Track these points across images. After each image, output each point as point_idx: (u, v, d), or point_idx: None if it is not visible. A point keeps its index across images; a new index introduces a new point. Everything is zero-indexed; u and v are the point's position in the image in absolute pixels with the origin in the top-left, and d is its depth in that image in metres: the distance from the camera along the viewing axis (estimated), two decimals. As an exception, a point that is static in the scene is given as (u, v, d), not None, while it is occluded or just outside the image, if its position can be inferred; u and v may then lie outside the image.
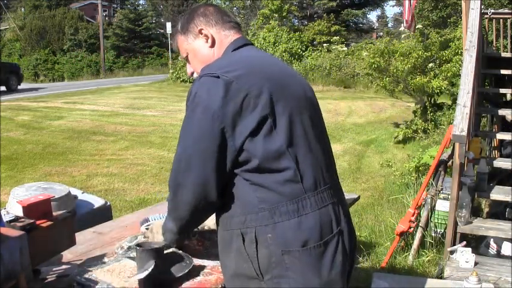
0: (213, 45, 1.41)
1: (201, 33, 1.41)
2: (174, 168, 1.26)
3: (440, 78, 7.57)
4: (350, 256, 1.35)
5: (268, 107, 1.20)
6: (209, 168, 1.20)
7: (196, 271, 1.54)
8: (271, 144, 1.20)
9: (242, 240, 1.24)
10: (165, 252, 1.49)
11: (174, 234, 1.40)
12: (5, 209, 2.17)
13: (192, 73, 1.49)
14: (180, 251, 1.57)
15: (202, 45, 1.42)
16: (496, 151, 5.11)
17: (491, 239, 3.34)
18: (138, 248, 1.43)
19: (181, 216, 1.32)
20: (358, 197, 2.67)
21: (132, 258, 1.55)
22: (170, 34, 25.52)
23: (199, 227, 1.66)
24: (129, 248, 1.64)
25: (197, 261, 1.60)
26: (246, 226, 1.24)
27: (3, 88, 16.05)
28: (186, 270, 1.46)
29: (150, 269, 1.37)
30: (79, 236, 1.78)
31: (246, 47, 1.41)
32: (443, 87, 7.58)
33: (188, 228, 1.42)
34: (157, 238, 1.53)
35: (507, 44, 5.31)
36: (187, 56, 1.47)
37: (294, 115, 1.26)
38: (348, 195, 2.59)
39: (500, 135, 4.37)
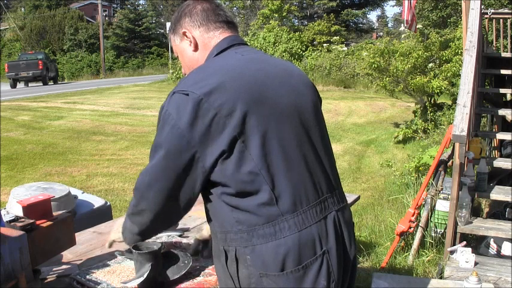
0: (196, 49, 1.35)
1: (186, 36, 1.34)
2: (140, 180, 1.23)
3: (440, 78, 7.57)
4: (350, 268, 1.30)
5: (239, 126, 1.13)
6: (173, 187, 1.18)
7: (197, 271, 1.54)
8: (243, 167, 1.14)
9: (225, 257, 1.23)
10: (163, 251, 1.50)
11: (134, 235, 1.35)
12: (5, 209, 2.17)
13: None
14: (178, 250, 1.57)
15: (187, 47, 1.36)
16: (496, 151, 5.11)
17: (491, 239, 3.34)
18: (135, 250, 1.43)
19: (142, 222, 1.29)
20: (358, 197, 2.67)
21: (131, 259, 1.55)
22: (170, 34, 25.56)
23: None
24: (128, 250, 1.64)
25: (198, 262, 1.60)
26: (227, 244, 1.21)
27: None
28: (184, 271, 1.46)
29: (145, 275, 1.38)
30: (79, 236, 1.78)
31: (231, 49, 1.31)
32: (443, 87, 7.58)
33: (149, 233, 1.36)
34: (114, 236, 1.52)
35: (507, 44, 5.31)
36: (178, 56, 1.42)
37: (271, 131, 1.18)
38: (348, 195, 2.59)
39: (500, 135, 4.37)
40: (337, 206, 1.29)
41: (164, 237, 1.84)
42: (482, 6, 4.73)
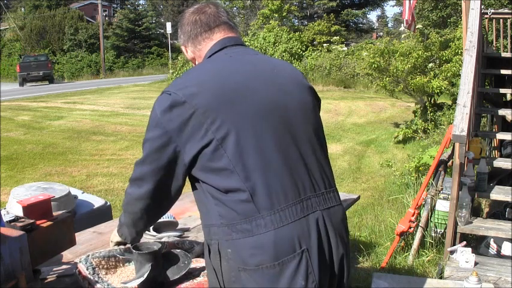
0: (193, 60, 1.47)
1: (186, 47, 1.46)
2: (134, 170, 1.33)
3: (440, 78, 7.57)
4: (338, 270, 1.29)
5: (214, 125, 1.20)
6: (160, 178, 1.27)
7: (197, 271, 1.54)
8: (219, 165, 1.20)
9: (208, 251, 1.28)
10: (163, 252, 1.50)
11: (128, 227, 1.44)
12: (5, 209, 2.17)
13: None
14: (178, 251, 1.57)
15: (189, 56, 1.47)
16: (496, 151, 5.11)
17: (491, 239, 3.34)
18: (135, 251, 1.43)
19: (134, 211, 1.37)
20: (358, 197, 2.67)
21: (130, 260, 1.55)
22: (170, 34, 25.57)
23: None
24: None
25: (198, 262, 1.60)
26: (210, 238, 1.26)
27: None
28: (184, 271, 1.46)
29: (145, 275, 1.38)
30: (79, 236, 1.78)
31: (223, 51, 1.37)
32: (443, 87, 7.58)
33: (143, 224, 1.43)
34: (115, 238, 1.56)
35: (507, 44, 5.31)
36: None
37: (246, 129, 1.21)
38: (348, 195, 2.60)
39: (500, 135, 4.37)
40: (324, 206, 1.28)
41: (165, 237, 1.84)
42: (482, 6, 4.73)
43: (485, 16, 4.96)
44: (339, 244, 1.28)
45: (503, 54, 4.82)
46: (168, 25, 25.07)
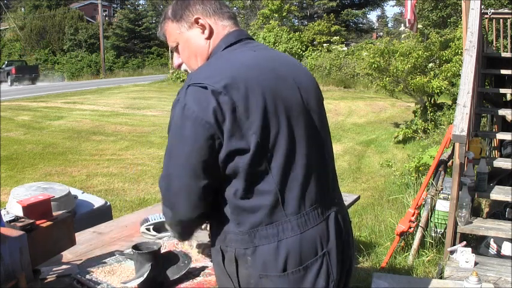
0: (209, 36, 1.28)
1: (197, 23, 1.27)
2: (165, 186, 1.20)
3: (440, 78, 7.57)
4: (347, 268, 1.30)
5: (255, 124, 1.11)
6: (201, 185, 1.15)
7: (197, 271, 1.54)
8: (255, 165, 1.12)
9: (222, 257, 1.22)
10: (163, 252, 1.50)
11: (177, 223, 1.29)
12: (5, 209, 2.17)
13: (180, 65, 1.37)
14: (178, 250, 1.57)
15: (197, 35, 1.29)
16: (496, 151, 5.11)
17: (491, 239, 3.34)
18: (134, 250, 1.43)
19: (184, 231, 1.30)
20: (358, 197, 2.67)
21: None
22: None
23: None
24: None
25: (198, 262, 1.60)
26: (225, 245, 1.20)
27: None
28: (184, 271, 1.46)
29: (145, 275, 1.38)
30: (79, 236, 1.78)
31: (239, 44, 1.27)
32: (443, 87, 7.58)
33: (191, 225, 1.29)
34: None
35: (507, 44, 5.31)
36: (177, 46, 1.33)
37: (283, 131, 1.16)
38: (348, 195, 2.60)
39: (500, 135, 4.36)
40: (337, 206, 1.29)
41: (165, 237, 1.84)
42: (482, 6, 4.73)
43: (485, 16, 4.96)
44: (350, 242, 1.31)
45: (503, 54, 4.82)
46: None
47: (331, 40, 18.25)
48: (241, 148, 1.11)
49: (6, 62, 24.86)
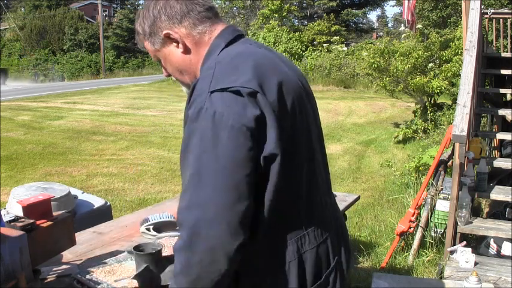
0: (186, 51, 1.13)
1: (169, 38, 1.13)
2: (194, 221, 0.95)
3: (440, 78, 7.57)
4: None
5: (286, 128, 1.00)
6: (244, 207, 0.96)
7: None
8: (288, 167, 1.01)
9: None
10: (168, 255, 1.49)
11: None
12: (5, 209, 2.17)
13: (170, 75, 1.24)
14: None
15: (174, 51, 1.15)
16: (496, 151, 5.11)
17: (491, 239, 3.34)
18: (134, 251, 1.43)
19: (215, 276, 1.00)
20: (358, 197, 2.67)
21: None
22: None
23: None
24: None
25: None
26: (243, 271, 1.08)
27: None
28: None
29: (134, 274, 1.37)
30: (79, 236, 1.78)
31: (240, 41, 1.14)
32: (443, 87, 7.58)
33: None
34: None
35: (507, 44, 5.31)
36: (160, 61, 1.21)
37: (305, 132, 1.08)
38: (347, 195, 2.60)
39: (500, 135, 4.37)
40: (336, 210, 1.26)
41: (165, 237, 1.84)
42: (482, 6, 4.73)
43: (485, 16, 4.96)
44: (349, 244, 1.28)
45: (503, 54, 4.82)
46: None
47: (331, 40, 18.25)
48: (274, 153, 0.98)
49: None
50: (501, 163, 3.66)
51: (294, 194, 1.05)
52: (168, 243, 1.72)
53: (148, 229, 1.88)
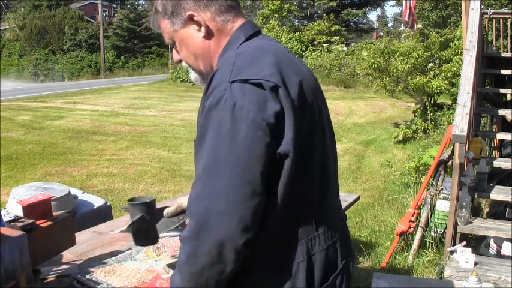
0: (208, 36, 1.11)
1: (192, 20, 1.10)
2: (204, 210, 0.94)
3: (440, 78, 7.58)
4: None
5: (305, 125, 1.00)
6: (256, 203, 0.94)
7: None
8: (302, 166, 1.00)
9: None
10: (161, 207, 1.47)
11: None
12: (5, 209, 2.17)
13: (180, 61, 1.19)
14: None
15: (194, 34, 1.11)
16: (496, 151, 5.11)
17: (491, 239, 3.34)
18: (129, 201, 1.43)
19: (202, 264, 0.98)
20: (358, 197, 2.67)
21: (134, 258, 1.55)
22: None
23: None
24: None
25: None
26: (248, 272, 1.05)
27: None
28: (174, 226, 1.40)
29: (130, 221, 1.36)
30: (79, 236, 1.78)
31: (259, 37, 1.13)
32: (443, 87, 7.58)
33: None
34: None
35: (507, 44, 5.31)
36: (174, 43, 1.17)
37: (319, 131, 1.07)
38: (347, 195, 2.60)
39: (500, 135, 4.37)
40: (342, 212, 1.25)
41: (165, 237, 1.84)
42: (482, 6, 4.73)
43: (485, 16, 4.96)
44: (352, 246, 1.27)
45: (503, 54, 4.82)
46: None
47: (331, 40, 18.26)
48: (290, 151, 0.97)
49: None
50: (501, 163, 3.66)
51: (306, 192, 1.04)
52: (167, 243, 1.72)
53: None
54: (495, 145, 5.16)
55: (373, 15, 67.85)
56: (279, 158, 0.97)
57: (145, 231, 1.39)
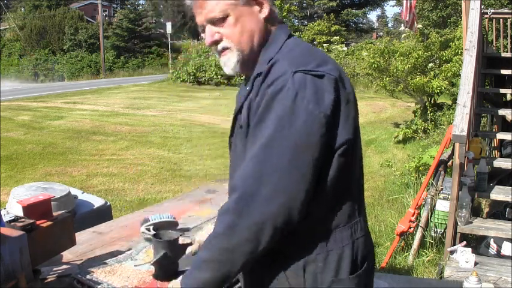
0: (268, 18, 1.13)
1: (256, 0, 1.12)
2: (253, 189, 0.98)
3: (440, 78, 7.57)
4: None
5: (354, 117, 1.08)
6: (305, 191, 0.99)
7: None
8: (350, 156, 1.07)
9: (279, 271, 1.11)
10: (186, 242, 1.52)
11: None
12: (5, 209, 2.17)
13: (216, 42, 1.13)
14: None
15: (256, 13, 1.12)
16: (496, 151, 5.11)
17: (491, 239, 3.34)
18: (153, 238, 1.48)
19: (255, 246, 1.00)
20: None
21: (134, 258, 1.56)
22: (170, 34, 25.57)
23: None
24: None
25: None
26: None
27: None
28: None
29: (153, 261, 1.42)
30: (79, 236, 1.78)
31: (293, 37, 1.18)
32: (443, 87, 7.58)
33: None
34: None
35: (507, 44, 5.30)
36: (223, 18, 1.11)
37: (358, 122, 1.15)
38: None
39: (500, 135, 4.37)
40: None
41: (165, 237, 1.84)
42: (482, 6, 4.73)
43: (485, 16, 4.96)
44: None
45: (503, 54, 4.82)
46: (168, 25, 25.04)
47: (331, 40, 18.25)
48: (342, 142, 1.04)
49: None
50: (501, 163, 3.66)
51: (351, 181, 1.11)
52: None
53: (148, 229, 1.88)
54: (495, 145, 5.16)
55: (373, 15, 67.88)
56: (332, 148, 1.02)
57: (166, 266, 1.44)
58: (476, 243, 3.55)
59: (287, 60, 1.04)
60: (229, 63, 1.15)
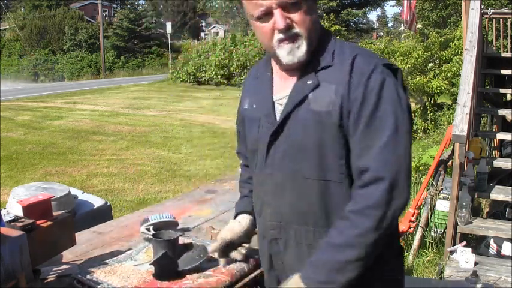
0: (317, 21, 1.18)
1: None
2: (397, 169, 1.04)
3: (440, 78, 7.57)
4: None
5: None
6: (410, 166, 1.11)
7: (209, 265, 1.54)
8: None
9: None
10: (186, 243, 1.53)
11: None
12: (5, 209, 2.17)
13: (289, 27, 1.09)
14: (200, 243, 1.58)
15: (314, 12, 1.13)
16: (496, 151, 5.11)
17: (491, 239, 3.34)
18: (153, 237, 1.49)
19: (393, 216, 1.06)
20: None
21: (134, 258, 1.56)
22: (170, 34, 25.58)
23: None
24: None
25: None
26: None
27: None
28: (195, 264, 1.46)
29: (152, 260, 1.42)
30: (79, 236, 1.77)
31: None
32: (443, 87, 7.58)
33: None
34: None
35: (507, 44, 5.30)
36: (296, 4, 1.07)
37: None
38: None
39: (500, 135, 4.37)
40: None
41: (166, 237, 1.84)
42: (482, 6, 4.72)
43: (485, 16, 4.96)
44: None
45: (503, 54, 4.82)
46: (168, 25, 25.06)
47: (331, 40, 18.22)
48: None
49: None
50: (501, 163, 3.66)
51: None
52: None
53: (148, 229, 1.88)
54: (495, 145, 5.16)
55: (373, 15, 67.91)
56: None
57: (166, 266, 1.43)
58: (476, 243, 3.55)
59: (365, 56, 1.11)
60: (297, 51, 1.11)
